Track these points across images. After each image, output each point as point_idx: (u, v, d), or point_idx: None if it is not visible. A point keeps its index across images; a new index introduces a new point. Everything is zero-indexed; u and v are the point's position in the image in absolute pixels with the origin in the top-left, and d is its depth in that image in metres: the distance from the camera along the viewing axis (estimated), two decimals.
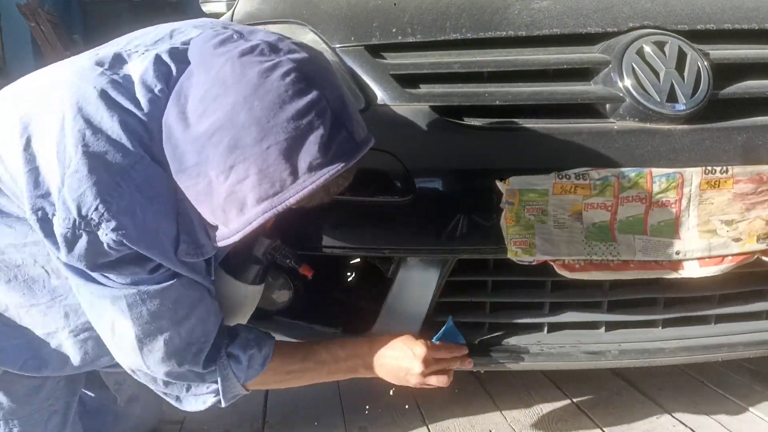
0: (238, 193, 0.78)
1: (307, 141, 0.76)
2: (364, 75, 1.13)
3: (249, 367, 1.00)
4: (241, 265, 1.08)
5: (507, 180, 1.05)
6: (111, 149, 0.81)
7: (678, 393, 1.55)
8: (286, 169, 0.76)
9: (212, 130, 0.77)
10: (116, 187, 0.80)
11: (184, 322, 0.92)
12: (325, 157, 0.77)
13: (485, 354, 1.19)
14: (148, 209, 0.83)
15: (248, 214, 0.79)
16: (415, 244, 1.12)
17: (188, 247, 0.88)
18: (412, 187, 1.08)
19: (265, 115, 0.75)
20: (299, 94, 0.76)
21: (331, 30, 1.17)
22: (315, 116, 0.76)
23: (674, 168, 1.06)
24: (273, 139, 0.75)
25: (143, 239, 0.83)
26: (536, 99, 1.11)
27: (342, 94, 0.82)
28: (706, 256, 1.10)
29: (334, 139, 0.78)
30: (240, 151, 0.76)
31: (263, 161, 0.76)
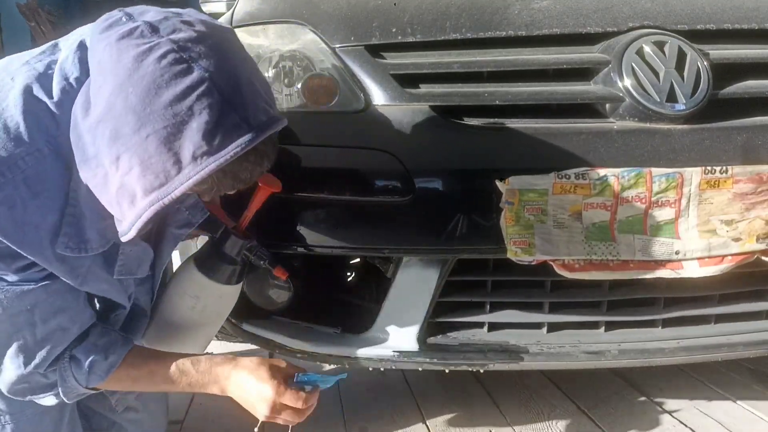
0: (127, 186, 0.74)
1: (188, 128, 0.70)
2: (364, 75, 1.13)
3: (90, 373, 0.95)
4: (216, 265, 1.07)
5: (507, 180, 1.06)
6: (4, 137, 0.79)
7: (678, 393, 1.55)
8: (169, 159, 0.71)
9: (97, 120, 0.74)
10: (0, 176, 0.78)
11: (41, 326, 0.89)
12: (211, 145, 0.71)
13: (485, 354, 1.19)
14: (29, 203, 0.80)
15: (138, 206, 0.75)
16: (415, 244, 1.12)
17: (69, 240, 0.84)
18: (412, 187, 1.08)
19: (140, 102, 0.70)
20: (177, 77, 0.70)
21: (331, 30, 1.17)
22: (196, 100, 0.70)
23: (674, 168, 1.06)
24: (151, 128, 0.70)
25: (17, 234, 0.80)
26: (536, 99, 1.11)
27: (236, 75, 0.75)
28: (706, 256, 1.10)
29: (221, 125, 0.71)
30: (121, 142, 0.72)
31: (144, 151, 0.71)
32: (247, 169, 0.79)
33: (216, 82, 0.72)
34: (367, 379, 1.67)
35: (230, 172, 0.77)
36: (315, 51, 1.16)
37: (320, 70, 1.14)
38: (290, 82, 1.15)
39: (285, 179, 1.15)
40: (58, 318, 0.90)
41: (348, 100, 1.12)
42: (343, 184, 1.12)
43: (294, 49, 1.16)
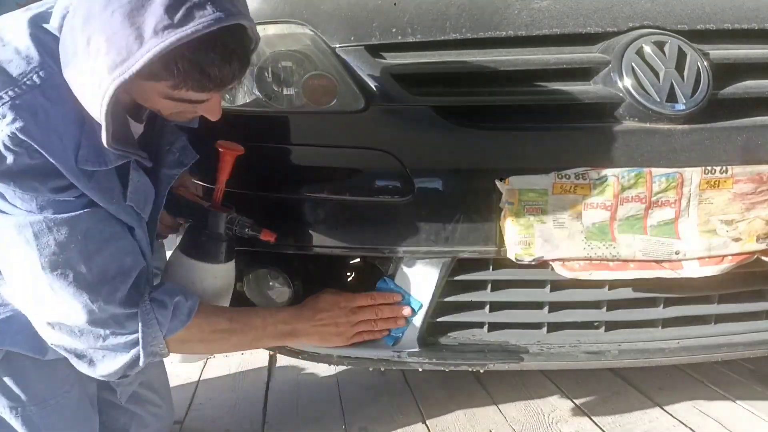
0: (96, 69, 0.75)
1: (152, 2, 0.72)
2: (363, 75, 1.13)
3: (174, 316, 0.95)
4: (204, 246, 1.07)
5: (507, 180, 1.06)
6: (16, 57, 0.82)
7: (678, 393, 1.55)
8: (132, 33, 0.72)
9: (73, 9, 0.76)
10: (15, 87, 0.80)
11: (95, 256, 0.88)
12: (172, 19, 0.72)
13: (485, 354, 1.19)
14: (51, 111, 0.81)
15: (102, 87, 0.75)
16: (415, 244, 1.12)
17: (88, 153, 0.85)
18: (412, 187, 1.08)
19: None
20: None
21: (331, 30, 1.17)
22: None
23: (674, 168, 1.06)
24: (117, 4, 0.72)
25: (44, 137, 0.81)
26: (536, 99, 1.11)
27: None
28: (706, 256, 1.10)
29: (184, 2, 0.73)
30: (91, 22, 0.74)
31: (110, 27, 0.73)
32: (215, 63, 0.78)
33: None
34: (367, 379, 1.67)
35: (196, 63, 0.77)
36: (315, 51, 1.16)
37: (320, 70, 1.14)
38: (290, 82, 1.15)
39: (285, 179, 1.15)
40: (110, 247, 0.90)
41: (348, 100, 1.12)
42: (343, 184, 1.12)
43: (294, 49, 1.16)
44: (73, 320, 0.90)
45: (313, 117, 1.15)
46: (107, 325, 0.91)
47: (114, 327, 0.92)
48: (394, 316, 1.15)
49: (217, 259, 1.07)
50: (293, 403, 1.57)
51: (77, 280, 0.88)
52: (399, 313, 1.15)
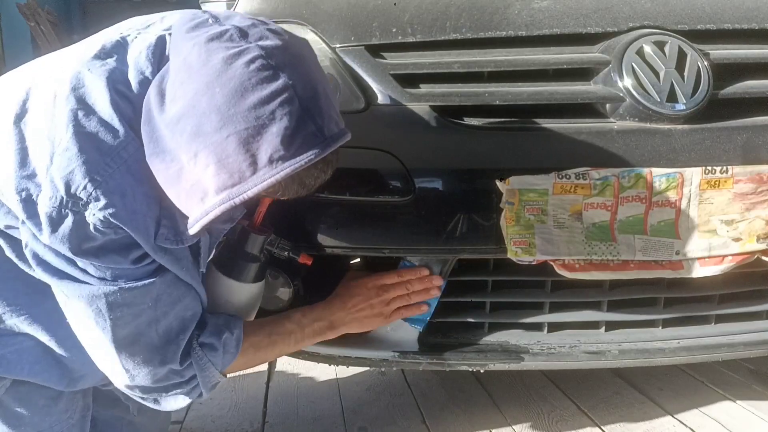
0: (202, 182, 0.76)
1: (268, 132, 0.73)
2: (364, 75, 1.13)
3: (225, 353, 0.98)
4: (239, 266, 1.07)
5: (507, 180, 1.06)
6: (102, 129, 0.80)
7: (678, 393, 1.55)
8: (246, 160, 0.73)
9: (179, 116, 0.75)
10: (106, 167, 0.79)
11: (162, 320, 0.90)
12: (288, 151, 0.74)
13: (485, 354, 1.19)
14: (138, 190, 0.82)
15: (207, 203, 0.76)
16: (415, 244, 1.12)
17: (168, 232, 0.86)
18: (412, 187, 1.08)
19: (225, 102, 0.73)
20: (263, 83, 0.73)
21: (331, 30, 1.17)
22: (279, 106, 0.73)
23: (674, 168, 1.06)
24: (233, 128, 0.72)
25: (132, 220, 0.81)
26: (536, 99, 1.11)
27: (315, 85, 0.78)
28: (706, 256, 1.10)
29: (299, 132, 0.74)
30: (201, 139, 0.74)
31: (222, 150, 0.73)
32: (313, 176, 0.82)
33: (298, 91, 0.75)
34: (367, 379, 1.67)
35: (298, 178, 0.79)
36: (315, 51, 1.15)
37: None
38: None
39: None
40: (176, 308, 0.91)
41: (348, 100, 1.12)
42: (343, 184, 1.12)
43: None
44: (139, 381, 0.92)
45: None
46: (168, 379, 0.95)
47: (175, 379, 0.95)
48: (425, 288, 1.14)
49: (248, 279, 1.07)
50: (293, 403, 1.57)
51: (146, 346, 0.89)
52: (430, 284, 1.14)
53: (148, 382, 0.92)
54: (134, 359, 0.90)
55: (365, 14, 1.20)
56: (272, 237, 1.08)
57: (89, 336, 0.89)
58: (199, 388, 0.98)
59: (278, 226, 1.13)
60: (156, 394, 0.96)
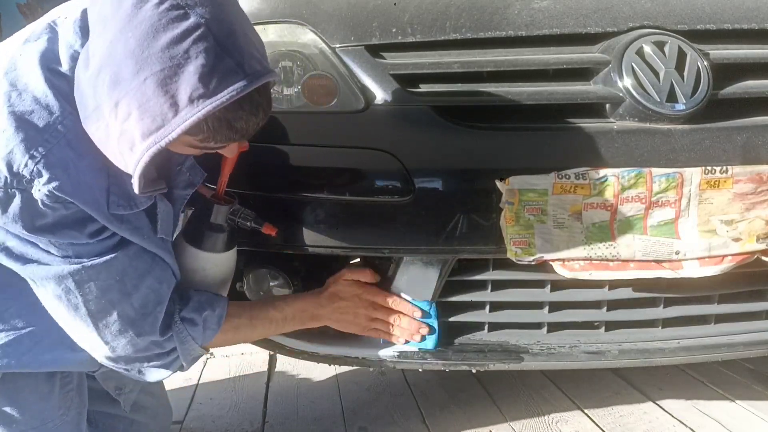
0: (127, 132, 0.75)
1: (185, 71, 0.72)
2: (364, 75, 1.13)
3: (205, 329, 1.01)
4: (205, 236, 1.08)
5: (507, 180, 1.06)
6: (37, 107, 0.81)
7: (678, 393, 1.55)
8: (166, 101, 0.73)
9: (98, 69, 0.75)
10: (45, 142, 0.80)
11: (134, 292, 0.91)
12: (207, 88, 0.73)
13: (485, 354, 1.19)
14: (80, 162, 0.82)
15: (137, 152, 0.76)
16: (415, 244, 1.12)
17: (119, 198, 0.87)
18: (412, 187, 1.08)
19: (138, 45, 0.72)
20: (174, 22, 0.72)
21: (331, 30, 1.17)
22: (192, 44, 0.72)
23: (674, 168, 1.06)
24: (149, 71, 0.72)
25: (78, 192, 0.82)
26: (536, 99, 1.11)
27: (231, 22, 0.77)
28: (706, 256, 1.10)
29: (217, 69, 0.73)
30: (121, 87, 0.73)
31: (142, 95, 0.72)
32: (242, 118, 0.79)
33: (211, 28, 0.74)
34: (367, 379, 1.68)
35: (225, 120, 0.78)
36: (315, 51, 1.16)
37: (320, 70, 1.14)
38: (290, 82, 1.15)
39: (286, 179, 1.15)
40: (146, 281, 0.93)
41: (348, 100, 1.12)
42: (343, 184, 1.12)
43: (294, 49, 1.16)
44: (119, 352, 0.95)
45: (313, 117, 1.14)
46: (149, 349, 0.97)
47: (155, 349, 0.98)
48: (410, 330, 1.16)
49: (217, 249, 1.09)
50: (293, 403, 1.57)
51: (121, 318, 0.91)
52: (416, 330, 1.16)
53: (128, 352, 0.95)
54: (111, 331, 0.92)
55: (365, 14, 1.20)
56: (235, 207, 1.09)
57: (65, 315, 0.91)
58: (180, 361, 1.01)
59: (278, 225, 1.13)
60: (138, 364, 0.99)
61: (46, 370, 1.00)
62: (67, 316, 0.91)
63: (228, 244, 1.10)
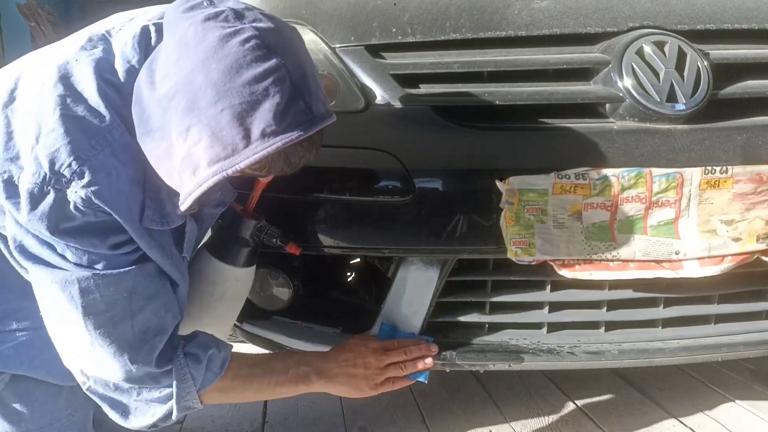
0: (193, 156, 0.77)
1: (261, 107, 0.76)
2: (364, 75, 1.13)
3: (207, 369, 0.95)
4: (230, 249, 1.09)
5: (507, 180, 1.06)
6: (89, 114, 0.82)
7: (678, 393, 1.55)
8: (239, 133, 0.76)
9: (173, 92, 0.77)
10: (91, 148, 0.81)
11: (138, 314, 0.89)
12: (280, 125, 0.76)
13: (485, 354, 1.19)
14: (122, 172, 0.83)
15: (199, 176, 0.78)
16: (415, 244, 1.12)
17: (153, 213, 0.87)
18: (412, 187, 1.08)
19: (221, 78, 0.75)
20: (258, 61, 0.76)
21: (331, 30, 1.17)
22: (272, 83, 0.76)
23: (674, 168, 1.06)
24: (227, 102, 0.75)
25: (114, 200, 0.82)
26: (536, 99, 1.11)
27: (304, 67, 0.81)
28: (706, 256, 1.10)
29: (290, 109, 0.77)
30: (196, 113, 0.76)
31: (216, 123, 0.75)
32: (299, 154, 0.83)
33: (289, 71, 0.78)
34: None
35: (285, 155, 0.81)
36: (315, 51, 1.16)
37: (320, 70, 1.14)
38: None
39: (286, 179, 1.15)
40: (152, 304, 0.91)
41: (348, 100, 1.12)
42: (343, 184, 1.12)
43: None
44: (108, 376, 0.91)
45: None
46: (142, 381, 0.92)
47: (149, 383, 0.93)
48: (422, 356, 1.11)
49: (239, 263, 1.09)
50: (293, 403, 1.57)
51: (119, 339, 0.88)
52: (427, 352, 1.12)
53: (119, 377, 0.90)
54: (106, 350, 0.88)
55: (365, 14, 1.20)
56: (264, 223, 1.10)
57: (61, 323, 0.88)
58: (171, 404, 0.94)
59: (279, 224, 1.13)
60: (126, 397, 0.93)
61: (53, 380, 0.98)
62: (63, 326, 0.89)
63: (250, 260, 1.11)
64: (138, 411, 0.94)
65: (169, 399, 0.94)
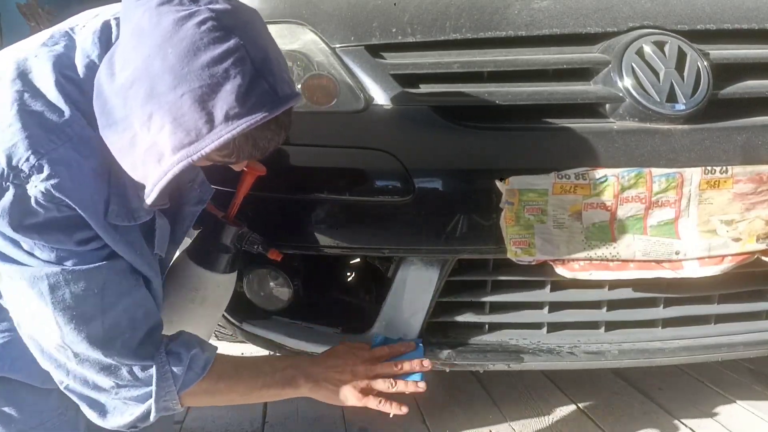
0: (157, 144, 0.76)
1: (223, 89, 0.74)
2: (364, 75, 1.13)
3: (189, 369, 0.93)
4: (211, 255, 1.09)
5: (507, 180, 1.06)
6: (47, 109, 0.81)
7: (678, 393, 1.55)
8: (201, 117, 0.74)
9: (132, 80, 0.76)
10: (50, 142, 0.80)
11: (109, 310, 0.87)
12: (243, 107, 0.74)
13: (485, 354, 1.19)
14: (84, 165, 0.82)
15: (164, 164, 0.77)
16: (415, 244, 1.12)
17: (119, 208, 0.86)
18: (412, 187, 1.08)
19: (178, 62, 0.73)
20: (215, 42, 0.74)
21: (331, 30, 1.17)
22: (232, 64, 0.74)
23: (674, 168, 1.06)
24: (187, 87, 0.73)
25: (77, 192, 0.81)
26: (536, 99, 1.11)
27: (265, 48, 0.79)
28: (706, 256, 1.10)
29: (253, 89, 0.75)
30: (156, 100, 0.74)
31: (178, 109, 0.74)
32: (267, 137, 0.82)
33: (249, 52, 0.76)
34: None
35: (252, 138, 0.80)
36: (315, 51, 1.16)
37: (320, 70, 1.14)
38: None
39: (286, 179, 1.15)
40: (124, 301, 0.89)
41: (348, 100, 1.12)
42: (343, 184, 1.12)
43: (294, 49, 1.16)
44: (87, 371, 0.90)
45: (313, 117, 1.14)
46: (121, 377, 0.91)
47: (128, 379, 0.91)
48: (412, 370, 1.06)
49: (220, 269, 1.09)
50: (293, 403, 1.57)
51: (90, 335, 0.87)
52: (418, 366, 1.06)
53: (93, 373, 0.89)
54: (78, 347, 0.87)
55: (365, 14, 1.20)
56: (245, 230, 1.10)
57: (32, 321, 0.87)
58: (150, 404, 0.91)
59: (278, 225, 1.13)
60: (104, 396, 0.91)
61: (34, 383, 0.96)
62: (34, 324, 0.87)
63: (231, 266, 1.11)
64: (116, 410, 0.92)
65: (148, 398, 0.91)
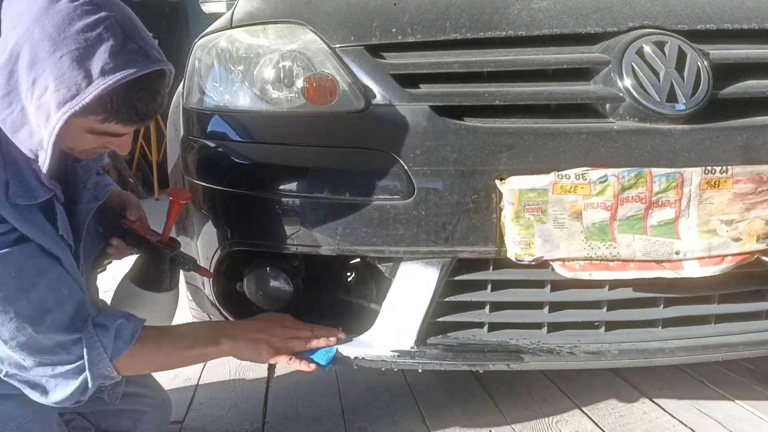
0: (43, 105, 0.85)
1: (98, 50, 0.84)
2: (363, 75, 1.13)
3: (117, 337, 0.98)
4: (148, 276, 1.20)
5: (507, 180, 1.06)
6: None
7: (678, 393, 1.55)
8: (80, 74, 0.84)
9: (15, 54, 0.85)
10: None
11: (32, 289, 0.91)
12: (117, 63, 0.85)
13: (485, 354, 1.19)
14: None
15: (52, 121, 0.85)
16: (415, 244, 1.12)
17: (18, 188, 0.90)
18: (412, 187, 1.08)
19: (55, 29, 0.83)
20: (87, 14, 0.84)
21: (330, 30, 1.17)
22: (104, 30, 0.84)
23: (674, 168, 1.06)
24: (65, 49, 0.83)
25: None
26: (536, 99, 1.11)
27: (133, 21, 0.90)
28: (706, 256, 1.10)
29: (125, 49, 0.86)
30: (38, 65, 0.83)
31: (58, 69, 0.83)
32: (143, 99, 0.90)
33: (118, 20, 0.87)
34: (367, 379, 1.68)
35: (128, 100, 0.88)
36: (315, 51, 1.16)
37: (320, 70, 1.15)
38: (290, 82, 1.15)
39: (286, 180, 1.15)
40: (44, 279, 0.93)
41: (348, 100, 1.12)
42: (343, 184, 1.12)
43: (294, 49, 1.16)
44: (21, 353, 0.92)
45: (313, 117, 1.15)
46: (54, 352, 0.94)
47: (61, 354, 0.95)
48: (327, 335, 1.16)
49: (160, 288, 1.20)
50: (293, 403, 1.57)
51: (19, 315, 0.90)
52: (333, 334, 1.17)
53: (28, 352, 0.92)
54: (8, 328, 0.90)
55: (365, 14, 1.20)
56: (177, 252, 1.22)
57: None
58: (86, 375, 0.95)
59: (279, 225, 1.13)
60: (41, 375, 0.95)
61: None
62: None
63: (168, 285, 1.21)
64: (57, 387, 0.97)
65: (83, 370, 0.96)
